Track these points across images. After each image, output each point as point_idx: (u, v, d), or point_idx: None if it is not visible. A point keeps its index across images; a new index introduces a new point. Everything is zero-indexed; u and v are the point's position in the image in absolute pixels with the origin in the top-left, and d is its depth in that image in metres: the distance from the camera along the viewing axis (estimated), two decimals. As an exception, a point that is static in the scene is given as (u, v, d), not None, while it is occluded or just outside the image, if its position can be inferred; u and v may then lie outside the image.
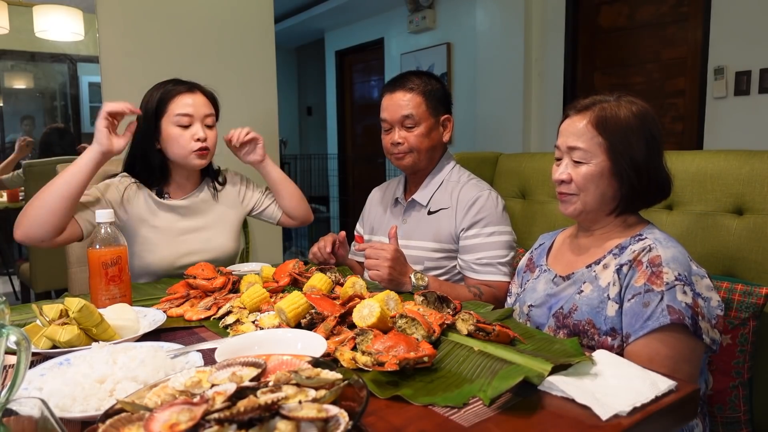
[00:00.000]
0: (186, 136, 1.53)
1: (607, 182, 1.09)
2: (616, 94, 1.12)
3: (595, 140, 1.08)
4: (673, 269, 0.99)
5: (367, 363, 0.79)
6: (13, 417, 0.58)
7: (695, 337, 0.97)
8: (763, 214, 1.28)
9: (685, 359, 0.97)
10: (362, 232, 1.79)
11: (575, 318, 1.08)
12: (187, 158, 1.55)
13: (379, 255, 1.31)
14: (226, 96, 2.69)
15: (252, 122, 2.74)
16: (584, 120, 1.10)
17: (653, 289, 0.99)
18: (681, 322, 0.95)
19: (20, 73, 2.61)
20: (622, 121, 1.07)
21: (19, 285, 3.39)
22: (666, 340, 0.97)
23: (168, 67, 2.47)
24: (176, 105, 1.53)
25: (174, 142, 1.54)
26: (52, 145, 3.17)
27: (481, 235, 1.50)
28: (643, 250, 1.04)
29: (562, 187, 1.14)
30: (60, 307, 0.96)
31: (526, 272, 1.30)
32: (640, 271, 1.02)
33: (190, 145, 1.54)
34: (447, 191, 1.58)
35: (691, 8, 3.16)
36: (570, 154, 1.11)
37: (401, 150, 1.55)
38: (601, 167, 1.08)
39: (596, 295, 1.07)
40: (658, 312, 0.97)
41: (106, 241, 1.16)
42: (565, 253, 1.23)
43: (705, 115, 3.08)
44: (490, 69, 4.14)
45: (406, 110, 1.53)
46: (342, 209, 6.57)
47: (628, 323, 1.01)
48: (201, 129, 1.55)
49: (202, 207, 1.65)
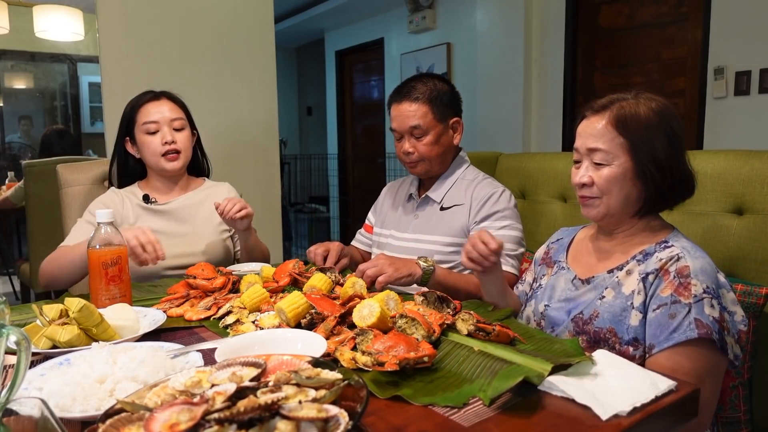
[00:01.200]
0: (155, 142, 1.61)
1: (631, 183, 1.05)
2: (634, 92, 1.09)
3: (616, 141, 1.04)
4: (701, 281, 0.96)
5: (367, 363, 0.79)
6: (13, 417, 0.58)
7: (720, 352, 0.94)
8: (763, 214, 1.28)
9: (709, 374, 0.95)
10: (373, 221, 1.81)
11: (596, 325, 1.05)
12: (159, 163, 1.62)
13: (376, 263, 1.31)
14: (226, 96, 2.70)
15: (252, 122, 2.75)
16: (603, 120, 1.06)
17: (680, 300, 0.96)
18: (708, 336, 0.92)
19: (20, 73, 2.62)
20: (643, 119, 1.04)
21: (19, 285, 3.39)
22: (691, 354, 0.94)
23: (168, 67, 2.47)
24: (143, 114, 1.61)
25: (146, 149, 1.62)
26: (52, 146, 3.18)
27: (492, 228, 1.51)
28: (671, 259, 1.00)
29: (584, 190, 1.10)
30: (60, 307, 0.96)
31: (542, 266, 1.27)
32: (666, 281, 0.99)
33: (159, 150, 1.60)
34: (461, 189, 1.60)
35: (691, 8, 3.16)
36: (590, 156, 1.08)
37: (413, 159, 1.58)
38: (623, 168, 1.04)
39: (619, 303, 1.04)
40: (685, 325, 0.94)
41: (106, 241, 1.16)
42: (585, 254, 1.19)
43: (705, 115, 3.07)
44: (490, 69, 4.14)
45: (413, 121, 1.54)
46: (342, 209, 6.57)
47: (652, 334, 0.98)
48: (168, 132, 1.61)
49: (188, 211, 1.67)
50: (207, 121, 2.60)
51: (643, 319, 1.01)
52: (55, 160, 2.77)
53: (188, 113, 1.71)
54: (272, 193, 2.86)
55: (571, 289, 1.15)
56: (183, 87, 2.54)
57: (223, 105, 2.65)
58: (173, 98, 1.68)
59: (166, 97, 1.66)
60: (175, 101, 1.68)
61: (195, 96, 2.55)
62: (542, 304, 1.19)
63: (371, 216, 1.84)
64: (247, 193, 2.75)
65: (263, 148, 2.80)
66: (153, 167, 1.65)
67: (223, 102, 2.64)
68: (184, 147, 1.65)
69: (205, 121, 2.59)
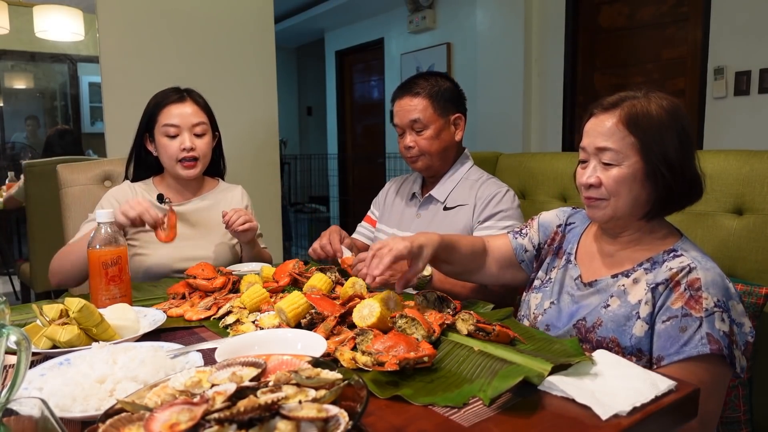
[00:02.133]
0: (174, 146, 1.55)
1: (641, 185, 1.01)
2: (644, 90, 1.04)
3: (626, 140, 1.00)
4: (712, 294, 0.94)
5: (367, 363, 0.79)
6: (13, 417, 0.58)
7: (728, 366, 0.94)
8: (763, 214, 1.28)
9: (716, 387, 0.95)
10: (377, 214, 1.81)
11: (599, 334, 1.04)
12: (174, 168, 1.58)
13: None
14: (226, 96, 2.70)
15: (252, 122, 2.75)
16: (613, 118, 1.02)
17: (691, 314, 0.94)
18: (720, 352, 0.92)
19: (20, 73, 2.61)
20: (655, 118, 1.00)
21: (19, 285, 3.40)
22: (700, 368, 0.93)
23: (168, 67, 2.47)
24: (164, 115, 1.56)
25: (163, 152, 1.58)
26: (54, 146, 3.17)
27: (495, 227, 1.52)
28: (682, 270, 0.98)
29: (591, 191, 1.05)
30: (60, 307, 0.96)
31: (552, 256, 1.23)
32: (677, 293, 0.97)
33: (177, 155, 1.56)
34: (465, 188, 1.60)
35: (691, 8, 3.16)
36: (599, 155, 1.03)
37: (413, 154, 1.59)
38: (634, 169, 1.00)
39: (623, 312, 1.02)
40: (697, 339, 0.93)
41: (106, 241, 1.16)
42: (589, 254, 1.16)
43: (705, 115, 3.08)
44: (490, 69, 4.14)
45: (413, 115, 1.55)
46: (342, 209, 6.57)
47: (661, 346, 0.97)
48: (188, 138, 1.55)
49: (200, 215, 1.65)
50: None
51: (648, 330, 0.99)
52: (55, 160, 2.77)
53: (211, 115, 1.65)
54: (272, 193, 2.86)
55: (574, 288, 1.13)
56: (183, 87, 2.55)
57: (223, 105, 2.64)
58: (198, 100, 1.62)
59: (191, 99, 1.60)
60: (199, 104, 1.62)
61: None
62: (548, 301, 1.17)
63: (374, 209, 1.84)
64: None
65: (263, 148, 2.80)
66: (169, 170, 1.62)
67: (222, 102, 2.64)
68: (203, 154, 1.59)
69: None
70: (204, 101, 1.65)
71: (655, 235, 1.08)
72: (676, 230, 1.10)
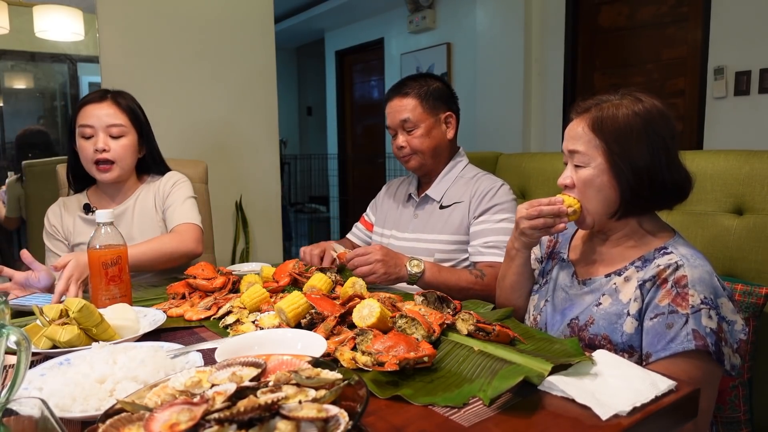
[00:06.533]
0: (89, 148, 1.50)
1: (609, 185, 1.04)
2: (622, 92, 1.07)
3: (592, 143, 1.04)
4: (699, 292, 0.95)
5: (367, 363, 0.79)
6: (13, 417, 0.58)
7: (716, 363, 0.94)
8: (763, 214, 1.28)
9: (705, 384, 0.94)
10: (372, 219, 1.82)
11: (591, 332, 1.05)
12: (92, 171, 1.53)
13: (369, 260, 1.32)
14: (226, 96, 2.70)
15: (252, 122, 2.75)
16: (583, 122, 1.06)
17: (678, 311, 0.95)
18: (705, 348, 0.92)
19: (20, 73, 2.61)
20: (620, 121, 1.02)
21: (19, 285, 3.38)
22: (687, 365, 0.94)
23: (168, 67, 2.47)
24: (81, 116, 1.51)
25: (81, 154, 1.52)
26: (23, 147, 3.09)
27: (490, 221, 1.53)
28: (669, 267, 0.99)
29: (566, 192, 1.10)
30: (60, 307, 0.96)
31: (548, 260, 1.26)
32: (664, 290, 0.98)
33: (91, 157, 1.50)
34: (461, 186, 1.61)
35: (691, 8, 3.16)
36: (572, 158, 1.08)
37: (405, 153, 1.61)
38: (599, 170, 1.04)
39: (614, 310, 1.04)
40: (683, 336, 0.94)
41: (106, 241, 1.16)
42: (583, 252, 1.18)
43: (705, 115, 3.08)
44: (490, 69, 4.14)
45: (403, 114, 1.58)
46: (342, 209, 6.57)
47: (649, 342, 0.98)
48: (101, 140, 1.49)
49: (125, 218, 1.57)
50: (207, 121, 2.60)
51: (638, 327, 1.00)
52: (55, 160, 2.76)
53: (136, 117, 1.56)
54: (272, 193, 2.86)
55: (569, 285, 1.15)
56: (183, 87, 2.55)
57: (223, 105, 2.65)
58: (119, 101, 1.53)
59: (111, 100, 1.52)
60: (120, 105, 1.53)
61: (195, 96, 2.56)
62: (543, 300, 1.19)
63: (370, 212, 1.85)
64: (247, 193, 2.77)
65: (263, 148, 2.80)
66: (91, 175, 1.54)
67: (223, 102, 2.64)
68: (119, 157, 1.51)
69: (205, 121, 2.60)
70: (128, 103, 1.56)
71: (648, 234, 1.09)
72: (671, 229, 1.11)
